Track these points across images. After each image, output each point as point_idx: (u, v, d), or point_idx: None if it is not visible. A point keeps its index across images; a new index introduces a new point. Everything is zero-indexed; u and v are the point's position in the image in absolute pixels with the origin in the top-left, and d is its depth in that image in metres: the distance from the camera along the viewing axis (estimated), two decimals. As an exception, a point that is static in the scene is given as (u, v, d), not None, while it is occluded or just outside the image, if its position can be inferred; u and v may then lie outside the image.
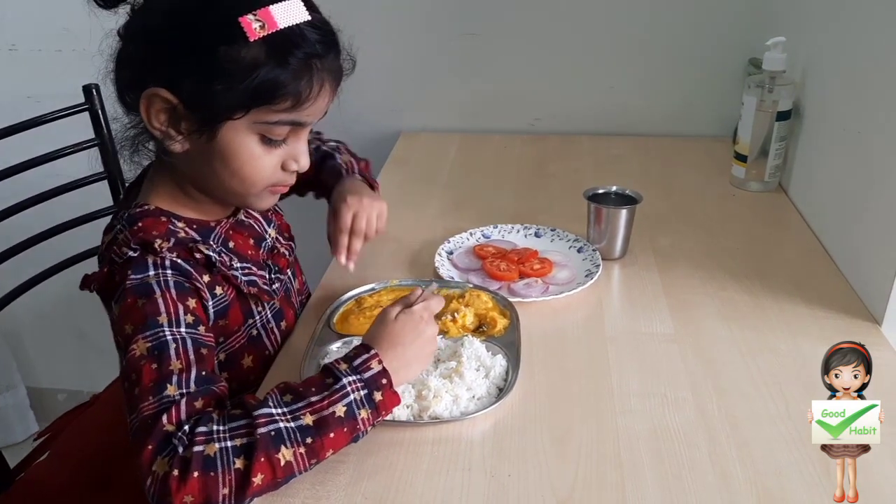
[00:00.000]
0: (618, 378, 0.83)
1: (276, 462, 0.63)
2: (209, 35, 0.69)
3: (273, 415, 0.65)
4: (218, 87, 0.69)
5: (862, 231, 0.98)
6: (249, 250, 0.86)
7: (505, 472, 0.70)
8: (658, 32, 1.48)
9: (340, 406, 0.67)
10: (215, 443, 0.63)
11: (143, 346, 0.69)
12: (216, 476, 0.62)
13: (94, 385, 1.77)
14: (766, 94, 1.21)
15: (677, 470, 0.70)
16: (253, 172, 0.76)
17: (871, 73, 1.00)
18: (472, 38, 1.53)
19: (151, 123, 0.73)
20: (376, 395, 0.69)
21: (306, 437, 0.65)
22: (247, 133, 0.74)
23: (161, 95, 0.71)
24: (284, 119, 0.73)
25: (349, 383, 0.68)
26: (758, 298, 0.97)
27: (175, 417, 0.64)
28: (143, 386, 0.67)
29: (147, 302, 0.71)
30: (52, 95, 1.33)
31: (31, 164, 1.18)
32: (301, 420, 0.66)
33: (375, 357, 0.71)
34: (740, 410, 0.78)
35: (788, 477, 0.69)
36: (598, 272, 1.01)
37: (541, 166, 1.43)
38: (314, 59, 0.72)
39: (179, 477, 0.61)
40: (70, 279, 1.29)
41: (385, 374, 0.70)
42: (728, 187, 1.30)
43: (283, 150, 0.77)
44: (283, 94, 0.71)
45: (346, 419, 0.67)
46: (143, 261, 0.74)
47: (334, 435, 0.66)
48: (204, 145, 0.73)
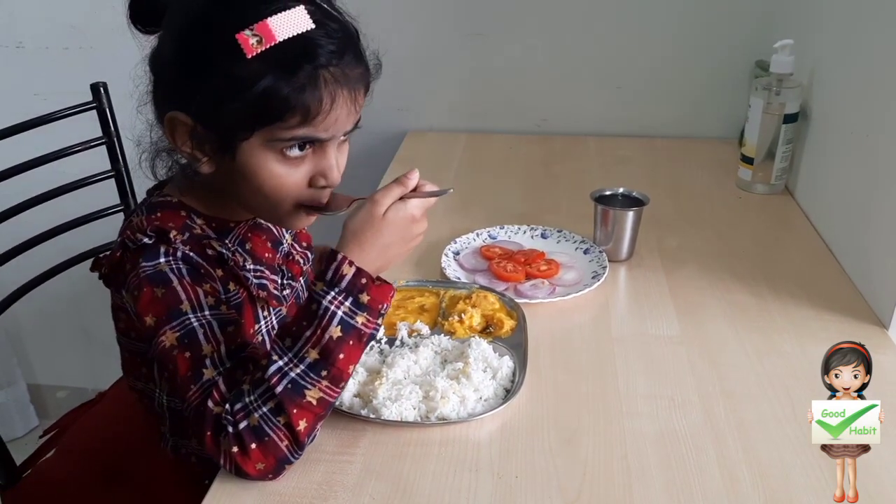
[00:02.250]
0: (625, 380, 0.83)
1: (309, 405, 0.67)
2: (211, 55, 0.68)
3: (282, 367, 0.68)
4: (225, 107, 0.68)
5: (869, 234, 0.98)
6: (266, 253, 0.86)
7: (512, 473, 0.70)
8: (665, 34, 1.48)
9: (334, 328, 0.68)
10: (254, 412, 0.67)
11: (171, 336, 0.70)
12: (271, 439, 0.67)
13: (97, 382, 1.78)
14: (773, 96, 1.21)
15: (684, 472, 0.70)
16: (276, 190, 0.73)
17: (878, 76, 1.00)
18: (479, 37, 1.53)
19: (178, 146, 0.73)
20: (362, 297, 0.69)
21: (321, 371, 0.68)
22: (263, 151, 0.71)
23: (179, 119, 0.71)
24: (298, 135, 0.70)
25: (330, 301, 0.68)
26: (764, 301, 0.97)
27: (219, 396, 0.68)
28: (181, 376, 0.69)
29: (166, 291, 0.72)
30: (59, 93, 1.33)
31: (38, 163, 1.18)
32: (307, 358, 0.68)
33: (344, 261, 0.69)
34: (747, 413, 0.78)
35: (795, 480, 0.69)
36: (604, 274, 1.01)
37: (547, 167, 1.43)
38: (321, 70, 0.67)
39: (241, 452, 0.66)
40: (75, 277, 1.30)
41: (361, 274, 0.69)
42: (734, 189, 1.30)
43: (309, 165, 0.73)
44: (288, 109, 0.67)
45: (347, 334, 0.68)
46: (156, 248, 0.74)
47: (344, 354, 0.69)
48: (229, 164, 0.72)
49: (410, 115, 1.61)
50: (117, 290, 0.78)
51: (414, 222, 0.74)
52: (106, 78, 1.27)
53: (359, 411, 0.77)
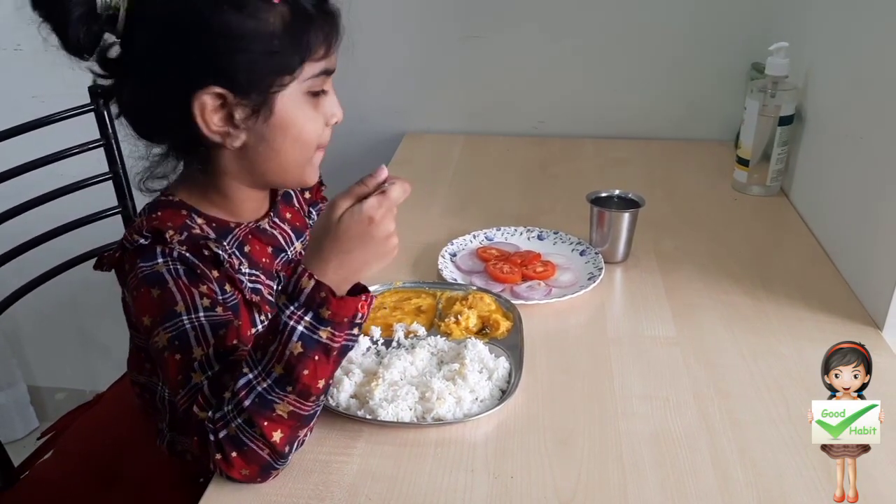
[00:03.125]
0: (620, 381, 0.84)
1: (279, 418, 0.66)
2: (236, 14, 0.70)
3: (251, 380, 0.66)
4: (262, 61, 0.71)
5: (864, 236, 0.99)
6: (264, 258, 0.86)
7: (508, 473, 0.71)
8: (662, 37, 1.48)
9: (294, 343, 0.65)
10: (231, 422, 0.66)
11: (164, 337, 0.71)
12: (249, 448, 0.66)
13: (94, 384, 1.78)
14: (769, 98, 1.21)
15: (679, 473, 0.70)
16: (311, 133, 0.78)
17: (873, 79, 1.00)
18: (476, 40, 1.53)
19: (210, 128, 0.73)
20: (323, 311, 0.65)
21: (286, 386, 0.66)
22: (298, 95, 0.75)
23: (210, 93, 0.71)
24: (322, 68, 0.76)
25: (290, 315, 0.65)
26: (760, 302, 0.98)
27: (203, 402, 0.68)
28: (172, 379, 0.70)
29: (162, 292, 0.72)
30: (57, 95, 1.33)
31: (37, 165, 1.19)
32: (273, 373, 0.66)
33: (304, 274, 0.65)
34: (742, 414, 0.78)
35: (790, 480, 0.69)
36: (600, 275, 1.01)
37: (544, 169, 1.43)
38: (325, 4, 0.75)
39: (223, 459, 0.67)
40: (73, 280, 1.30)
41: (321, 288, 0.65)
42: (730, 191, 1.31)
43: (323, 105, 0.79)
44: (317, 43, 0.74)
45: (310, 349, 0.65)
46: (153, 249, 0.75)
47: (309, 370, 0.65)
48: (262, 127, 0.75)
49: (408, 116, 1.62)
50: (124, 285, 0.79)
51: (372, 224, 0.67)
52: (103, 80, 1.27)
53: (355, 412, 0.77)
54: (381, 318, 0.92)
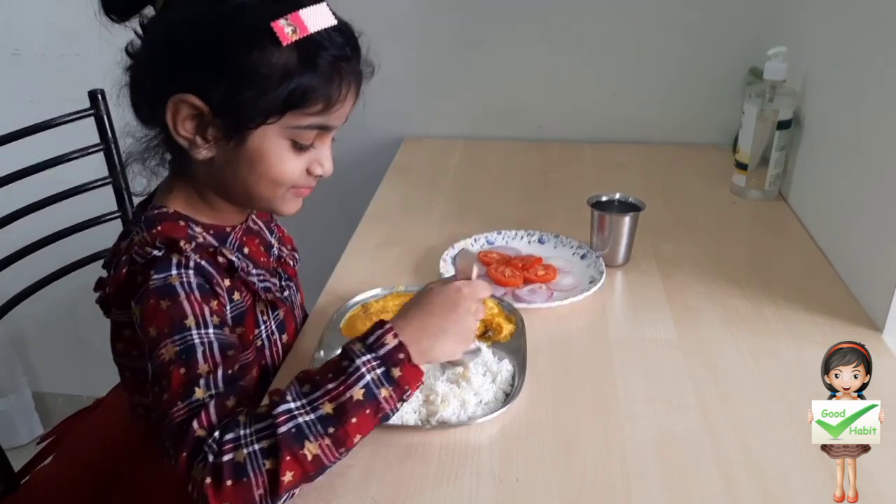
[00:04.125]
0: (623, 384, 0.84)
1: (303, 458, 0.63)
2: (240, 41, 0.69)
3: (292, 409, 0.64)
4: (250, 93, 0.70)
5: (862, 239, 0.99)
6: (262, 257, 0.87)
7: (513, 476, 0.71)
8: (660, 42, 1.49)
9: (358, 389, 0.66)
10: (243, 448, 0.63)
11: (171, 350, 0.68)
12: (248, 481, 0.62)
13: (92, 390, 1.77)
14: (767, 103, 1.22)
15: (683, 475, 0.71)
16: (281, 175, 0.76)
17: (871, 82, 1.01)
18: (475, 45, 1.54)
19: (177, 131, 0.72)
20: (394, 371, 0.67)
21: (328, 428, 0.64)
22: (277, 138, 0.74)
23: (189, 101, 0.71)
24: (314, 123, 0.74)
25: (364, 363, 0.67)
26: (759, 305, 0.98)
27: (206, 421, 0.64)
28: (172, 391, 0.67)
29: (172, 304, 0.71)
30: (56, 100, 1.33)
31: (36, 169, 1.18)
32: (320, 410, 0.65)
33: (390, 331, 0.69)
34: (744, 416, 0.78)
35: (793, 482, 0.70)
36: (601, 279, 1.02)
37: (543, 173, 1.44)
38: (342, 63, 0.73)
39: (214, 485, 0.61)
40: (72, 285, 1.30)
41: (401, 349, 0.68)
42: (729, 195, 1.31)
43: (310, 154, 0.78)
44: (314, 97, 0.72)
45: (367, 401, 0.66)
46: (168, 260, 0.73)
47: (357, 420, 0.65)
48: (231, 151, 0.74)
49: (407, 121, 1.62)
50: (120, 307, 0.77)
51: (459, 293, 0.73)
52: (102, 85, 1.27)
53: (359, 415, 0.77)
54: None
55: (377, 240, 1.19)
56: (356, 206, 1.31)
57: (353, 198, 1.36)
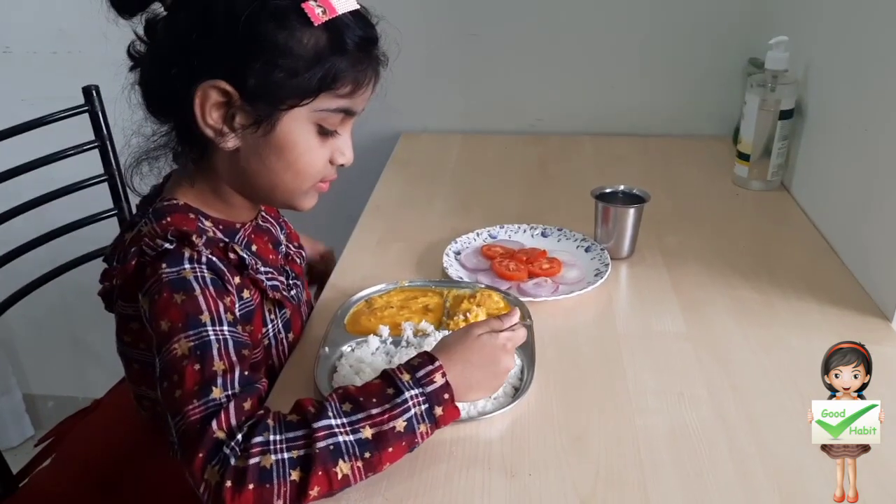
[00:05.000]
0: (633, 377, 0.83)
1: (334, 476, 0.63)
2: (273, 21, 0.69)
3: (333, 426, 0.64)
4: (283, 74, 0.70)
5: (868, 228, 0.99)
6: (270, 255, 0.85)
7: (525, 471, 0.70)
8: (659, 33, 1.49)
9: (401, 421, 0.66)
10: (272, 454, 0.62)
11: (185, 345, 0.67)
12: (271, 488, 0.61)
13: (87, 391, 1.75)
14: (769, 93, 1.21)
15: (698, 468, 0.70)
16: (308, 165, 0.76)
17: (874, 71, 1.00)
18: (473, 38, 1.53)
19: (205, 120, 0.72)
20: (437, 409, 0.68)
21: (364, 452, 0.65)
22: (305, 122, 0.74)
23: (219, 88, 0.70)
24: (341, 106, 0.75)
25: (411, 397, 0.67)
26: (767, 296, 0.97)
27: (225, 423, 0.63)
28: (185, 389, 0.65)
29: (187, 299, 0.69)
30: (48, 98, 1.31)
31: (30, 167, 1.16)
32: (360, 433, 0.65)
33: (440, 370, 0.70)
34: (757, 407, 0.78)
35: (809, 474, 0.69)
36: (607, 271, 1.01)
37: (543, 166, 1.43)
38: (368, 46, 0.74)
39: (234, 488, 0.60)
40: (66, 285, 1.28)
41: (447, 389, 0.69)
42: (731, 186, 1.31)
43: (333, 142, 0.78)
44: (344, 79, 0.72)
45: (406, 434, 0.66)
46: (180, 253, 0.72)
47: (393, 449, 0.66)
48: (258, 140, 0.73)
49: (405, 116, 1.61)
50: (127, 300, 0.76)
51: (504, 352, 0.74)
52: (94, 82, 1.25)
53: (368, 412, 0.76)
54: (389, 317, 0.91)
55: (378, 235, 1.17)
56: (355, 201, 1.30)
57: (351, 194, 1.34)
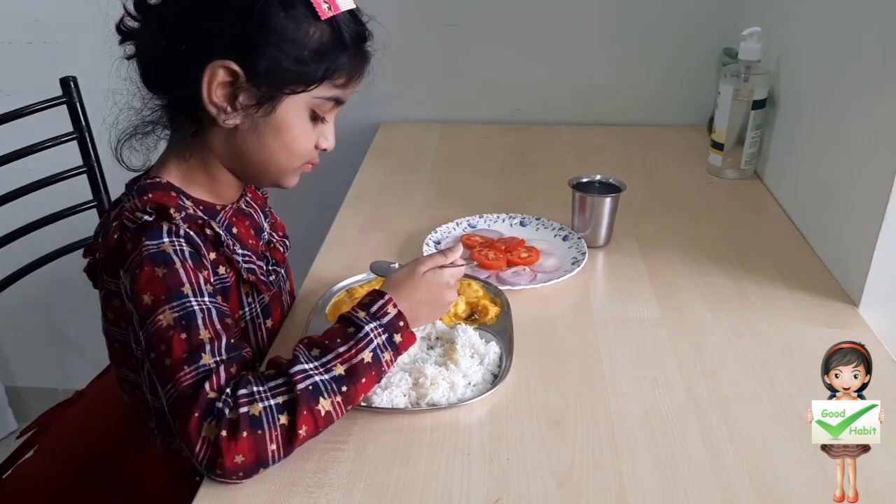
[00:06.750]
0: (609, 362, 0.85)
1: (318, 413, 0.68)
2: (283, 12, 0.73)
3: (307, 370, 0.69)
4: (289, 62, 0.74)
5: (837, 216, 1.01)
6: (250, 239, 0.87)
7: (503, 455, 0.72)
8: (634, 24, 1.50)
9: (367, 352, 0.72)
10: (258, 402, 0.66)
11: (169, 316, 0.70)
12: (263, 433, 0.66)
13: (69, 383, 1.75)
14: (742, 83, 1.24)
15: (670, 449, 0.72)
16: (301, 146, 0.81)
17: (844, 62, 1.03)
18: (450, 28, 1.53)
19: (210, 98, 0.74)
20: (396, 336, 0.75)
21: (341, 387, 0.70)
22: (302, 107, 0.78)
23: (228, 68, 0.73)
24: (335, 95, 0.79)
25: (371, 329, 0.73)
26: (740, 283, 1.00)
27: (216, 384, 0.67)
28: (175, 357, 0.69)
29: (168, 272, 0.72)
30: (24, 89, 1.30)
31: (7, 160, 1.16)
32: (333, 371, 0.70)
33: (390, 302, 0.76)
34: (728, 391, 0.80)
35: (776, 453, 0.71)
36: (584, 260, 1.03)
37: (522, 156, 1.44)
38: (362, 42, 0.80)
39: (229, 437, 0.65)
40: (45, 277, 1.28)
41: (402, 317, 0.76)
42: (705, 175, 1.33)
43: (321, 128, 0.82)
44: (341, 70, 0.78)
45: (374, 364, 0.73)
46: (159, 227, 0.74)
47: (365, 380, 0.72)
48: (258, 120, 0.77)
49: (384, 106, 1.61)
50: (110, 275, 0.78)
51: (447, 288, 0.81)
52: (70, 72, 1.24)
53: (349, 400, 0.77)
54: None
55: (359, 225, 1.18)
56: (335, 192, 1.31)
57: (331, 184, 1.35)
